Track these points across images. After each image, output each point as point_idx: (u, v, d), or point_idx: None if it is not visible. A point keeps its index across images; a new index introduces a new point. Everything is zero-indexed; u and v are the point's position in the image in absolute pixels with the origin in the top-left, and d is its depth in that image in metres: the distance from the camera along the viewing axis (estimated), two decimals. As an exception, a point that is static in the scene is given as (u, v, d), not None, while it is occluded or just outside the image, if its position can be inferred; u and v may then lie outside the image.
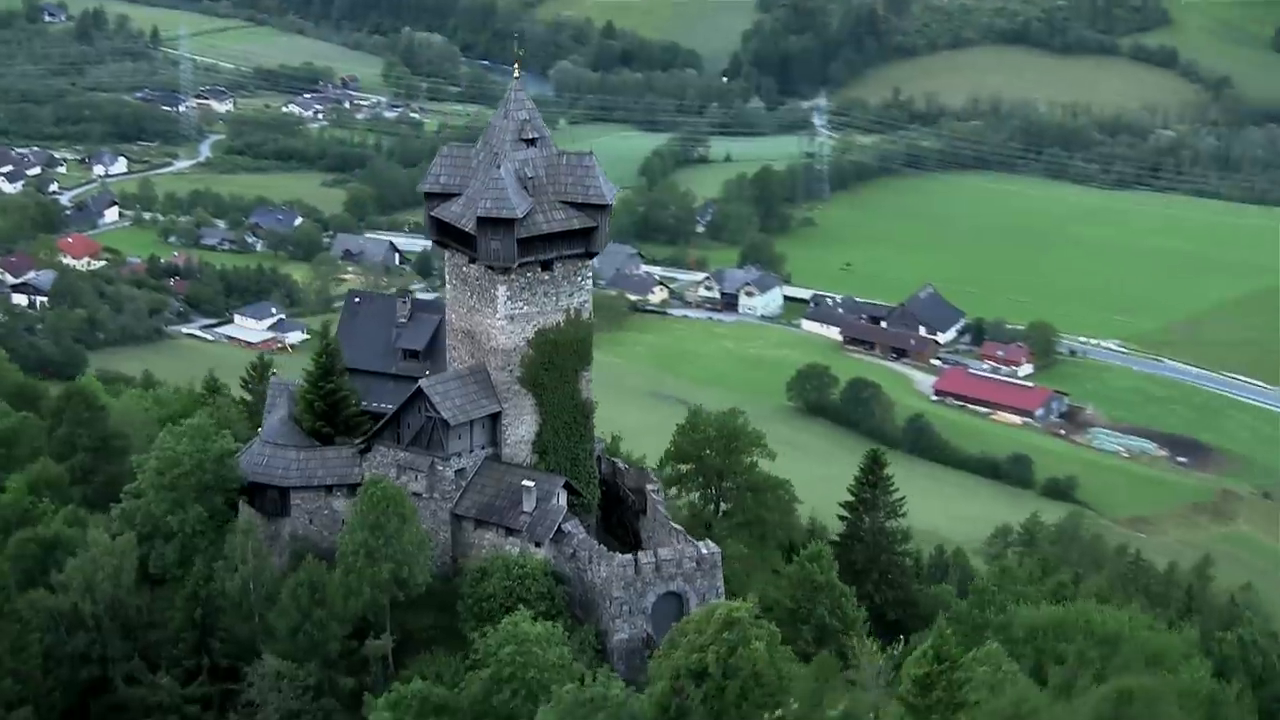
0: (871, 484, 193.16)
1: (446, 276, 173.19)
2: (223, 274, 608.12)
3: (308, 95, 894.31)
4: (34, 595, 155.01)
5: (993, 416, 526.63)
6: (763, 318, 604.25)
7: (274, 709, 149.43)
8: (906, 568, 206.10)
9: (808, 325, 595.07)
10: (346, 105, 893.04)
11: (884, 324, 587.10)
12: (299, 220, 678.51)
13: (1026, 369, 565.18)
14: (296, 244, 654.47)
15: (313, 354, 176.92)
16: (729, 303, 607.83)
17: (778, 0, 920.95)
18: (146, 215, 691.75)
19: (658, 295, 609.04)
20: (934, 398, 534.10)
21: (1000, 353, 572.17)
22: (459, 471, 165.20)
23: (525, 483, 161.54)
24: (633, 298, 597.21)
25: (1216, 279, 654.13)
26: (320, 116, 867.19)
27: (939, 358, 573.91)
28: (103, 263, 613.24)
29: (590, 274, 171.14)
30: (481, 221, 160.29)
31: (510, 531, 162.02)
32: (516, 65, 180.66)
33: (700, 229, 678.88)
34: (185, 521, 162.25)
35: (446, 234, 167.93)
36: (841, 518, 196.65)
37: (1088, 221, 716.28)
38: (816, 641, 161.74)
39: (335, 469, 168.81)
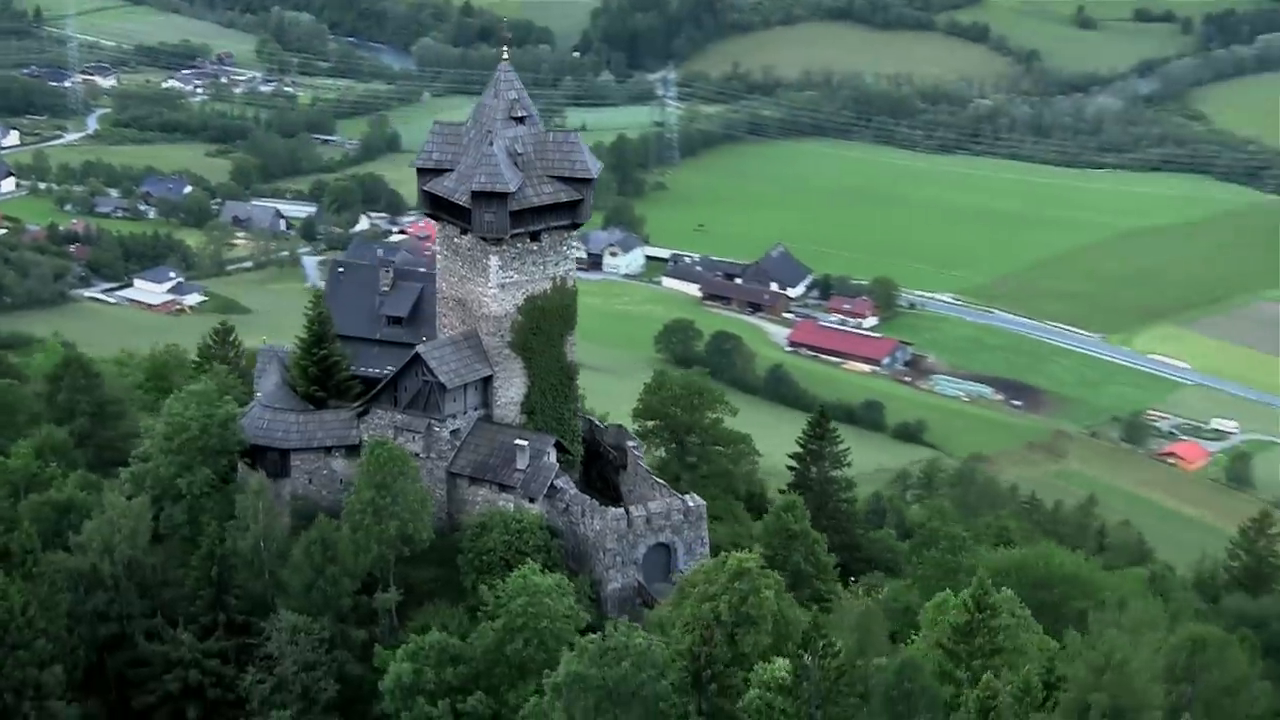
0: (818, 437, 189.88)
1: (437, 247, 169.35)
2: (120, 240, 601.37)
3: (186, 71, 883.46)
4: (54, 557, 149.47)
5: (844, 366, 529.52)
6: (626, 276, 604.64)
7: (292, 661, 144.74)
8: (851, 514, 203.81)
9: (668, 283, 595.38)
10: (224, 80, 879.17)
11: (739, 280, 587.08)
12: (188, 189, 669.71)
13: (871, 321, 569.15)
14: (187, 211, 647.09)
15: (305, 320, 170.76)
16: (594, 262, 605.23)
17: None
18: (42, 185, 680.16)
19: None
20: (788, 349, 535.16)
21: (847, 306, 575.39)
22: (454, 432, 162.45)
23: (519, 441, 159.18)
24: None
25: (1036, 236, 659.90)
26: (200, 91, 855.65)
27: (791, 311, 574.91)
28: (3, 231, 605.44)
29: (574, 244, 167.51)
30: (476, 195, 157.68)
31: (504, 488, 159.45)
32: (504, 49, 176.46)
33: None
34: (194, 483, 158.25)
35: (439, 207, 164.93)
36: (790, 468, 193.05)
37: (915, 183, 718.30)
38: (792, 587, 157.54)
39: (334, 431, 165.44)
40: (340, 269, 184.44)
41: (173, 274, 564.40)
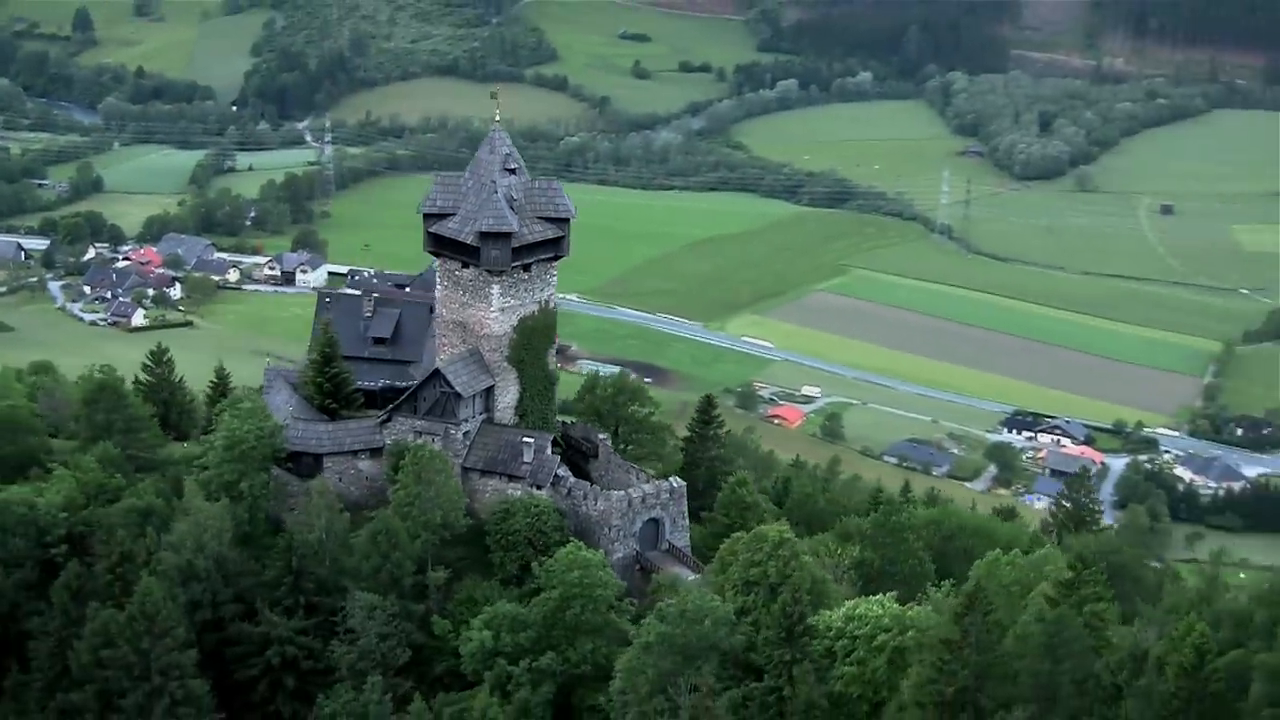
0: (705, 422, 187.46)
1: (438, 280, 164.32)
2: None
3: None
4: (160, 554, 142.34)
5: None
6: (314, 289, 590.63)
7: (371, 634, 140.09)
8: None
9: (350, 294, 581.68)
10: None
11: (407, 289, 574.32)
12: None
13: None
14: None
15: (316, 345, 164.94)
16: (288, 278, 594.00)
17: (266, 47, 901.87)
18: None
19: (233, 275, 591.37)
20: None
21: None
22: (465, 434, 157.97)
23: (525, 439, 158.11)
24: (215, 279, 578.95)
25: (630, 246, 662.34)
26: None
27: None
28: None
29: (555, 273, 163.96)
30: (484, 235, 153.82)
31: (513, 478, 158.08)
32: (497, 110, 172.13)
33: (249, 223, 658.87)
34: (253, 486, 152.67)
35: (442, 245, 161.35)
36: (681, 449, 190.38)
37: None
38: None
39: (360, 436, 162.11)
40: (326, 299, 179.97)
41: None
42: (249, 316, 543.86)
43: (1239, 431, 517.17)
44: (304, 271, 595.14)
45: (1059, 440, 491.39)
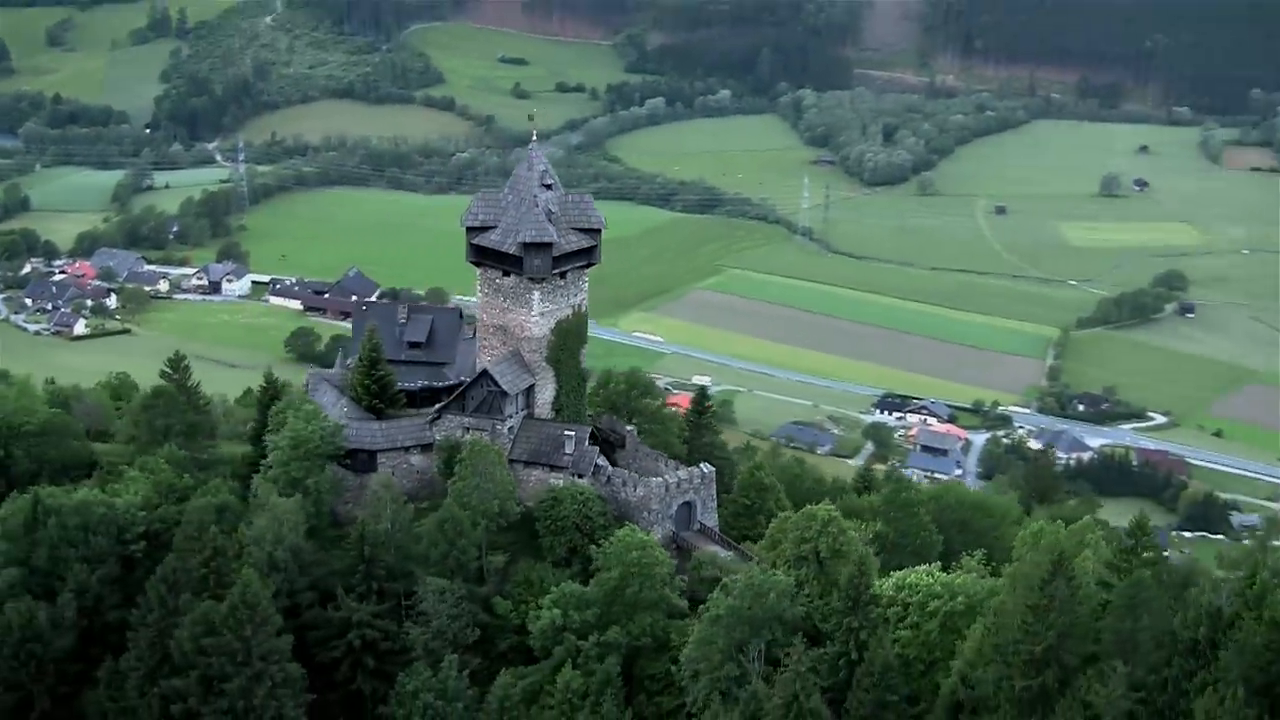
0: (700, 412, 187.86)
1: (478, 288, 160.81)
2: None
3: None
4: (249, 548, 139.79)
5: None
6: (240, 297, 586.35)
7: (443, 615, 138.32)
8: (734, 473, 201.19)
9: (274, 300, 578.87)
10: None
11: (327, 295, 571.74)
12: None
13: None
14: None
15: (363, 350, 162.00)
16: (215, 288, 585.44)
17: (174, 74, 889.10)
18: None
19: (163, 286, 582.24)
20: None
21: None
22: (510, 429, 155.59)
23: (567, 432, 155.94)
24: (147, 289, 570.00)
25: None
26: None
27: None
28: None
29: (586, 279, 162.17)
30: (527, 246, 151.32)
31: (555, 468, 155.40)
32: (534, 131, 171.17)
33: (172, 237, 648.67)
34: (318, 482, 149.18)
35: (483, 256, 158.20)
36: (681, 439, 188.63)
37: (424, 216, 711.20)
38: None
39: (412, 433, 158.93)
40: (364, 307, 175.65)
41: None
42: (182, 323, 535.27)
43: (1081, 407, 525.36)
44: (229, 281, 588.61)
45: (925, 420, 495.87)
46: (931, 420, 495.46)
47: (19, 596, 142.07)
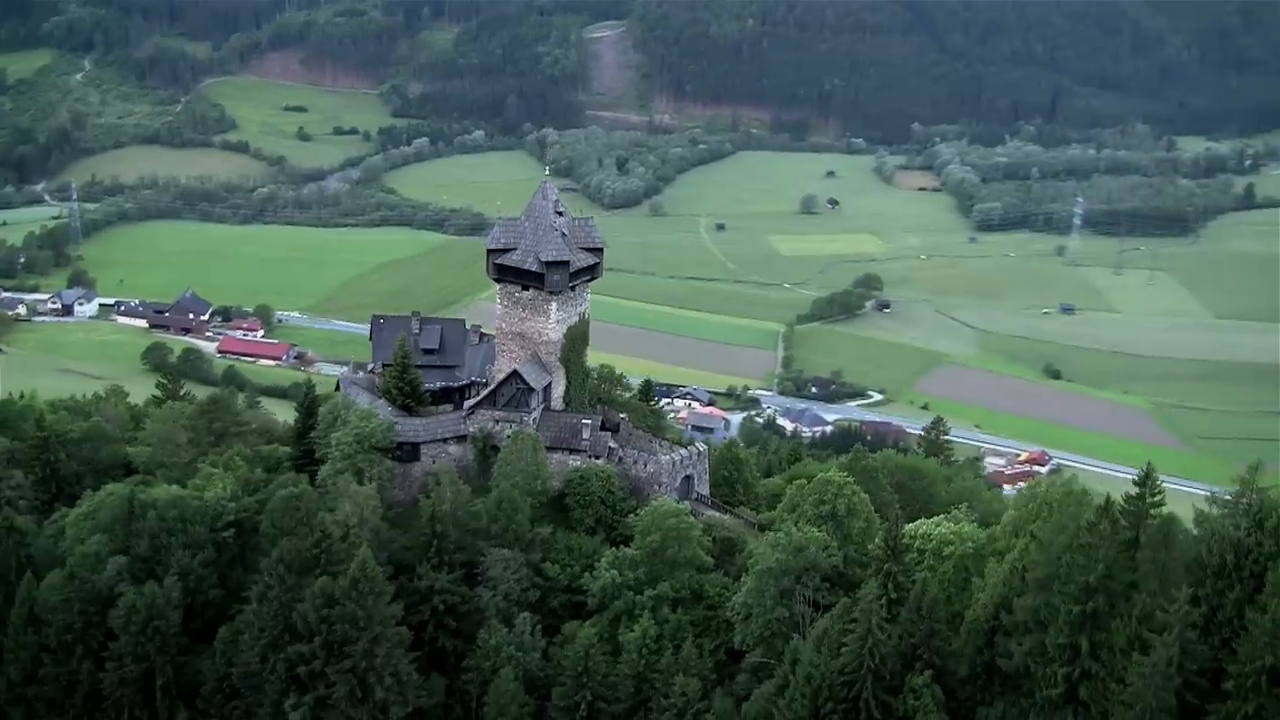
0: (647, 400, 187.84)
1: (498, 300, 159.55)
2: None
3: None
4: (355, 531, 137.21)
5: (259, 363, 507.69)
6: (91, 318, 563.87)
7: (509, 580, 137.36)
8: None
9: (121, 320, 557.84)
10: None
11: (167, 314, 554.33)
12: None
13: (261, 332, 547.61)
14: None
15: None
16: (68, 310, 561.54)
17: (1, 125, 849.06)
18: None
19: (22, 310, 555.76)
20: (219, 355, 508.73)
21: (245, 325, 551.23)
22: (534, 419, 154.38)
23: (584, 420, 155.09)
24: (9, 313, 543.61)
25: (328, 271, 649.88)
26: None
27: (210, 332, 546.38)
28: None
29: (589, 291, 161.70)
30: (548, 264, 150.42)
31: (573, 451, 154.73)
32: (547, 168, 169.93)
33: (20, 267, 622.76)
34: (382, 470, 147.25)
35: (504, 273, 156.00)
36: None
37: (237, 245, 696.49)
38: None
39: (450, 427, 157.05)
40: (381, 320, 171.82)
41: None
42: (46, 342, 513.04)
43: (814, 389, 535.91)
44: (80, 304, 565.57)
45: (690, 404, 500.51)
46: (695, 404, 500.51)
47: (124, 581, 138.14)
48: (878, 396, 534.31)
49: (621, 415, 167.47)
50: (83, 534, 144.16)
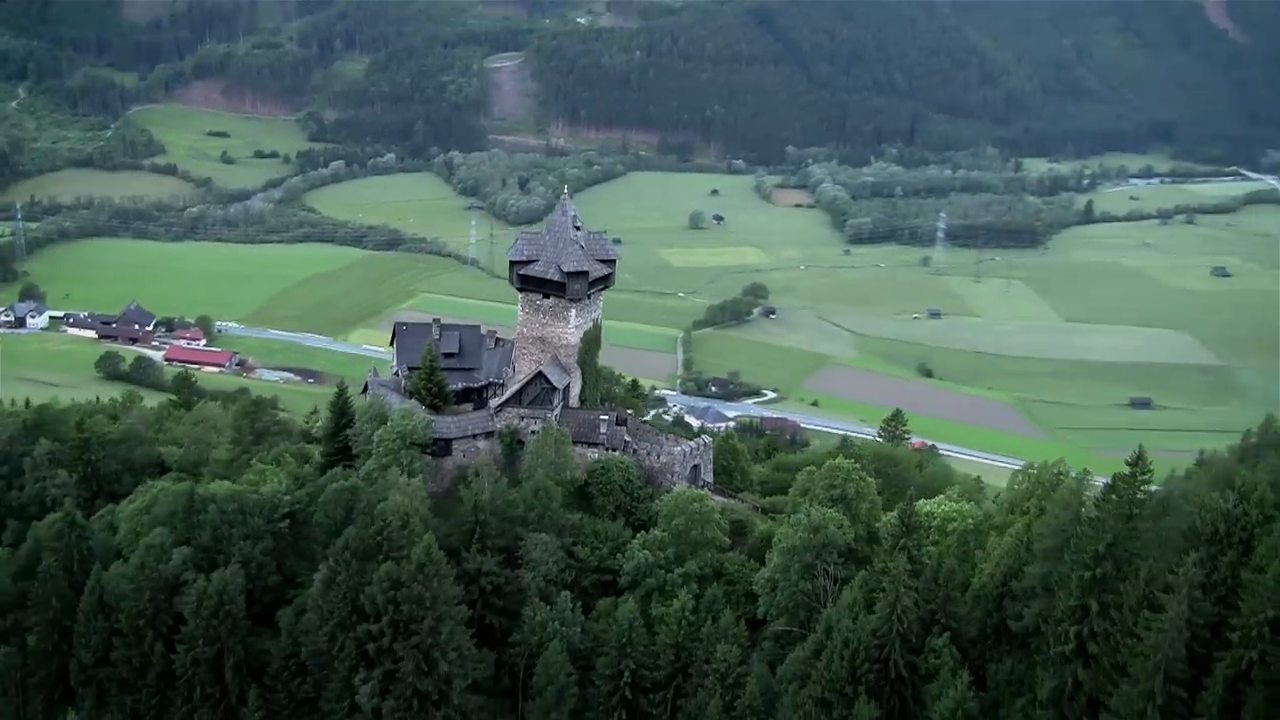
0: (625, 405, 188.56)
1: (520, 307, 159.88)
2: None
3: None
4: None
5: (202, 369, 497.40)
6: (43, 329, 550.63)
7: (548, 562, 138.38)
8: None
9: (72, 331, 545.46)
10: None
11: (115, 325, 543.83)
12: None
13: (204, 341, 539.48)
14: None
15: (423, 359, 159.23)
16: (20, 322, 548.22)
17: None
18: None
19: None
20: (167, 363, 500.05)
21: (188, 334, 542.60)
22: (555, 416, 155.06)
23: (602, 416, 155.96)
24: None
25: (258, 285, 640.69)
26: None
27: (157, 341, 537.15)
28: None
29: (602, 299, 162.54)
30: (569, 274, 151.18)
31: (591, 444, 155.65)
32: (565, 186, 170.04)
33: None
34: (421, 465, 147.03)
35: (527, 283, 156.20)
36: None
37: (173, 260, 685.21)
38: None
39: (479, 424, 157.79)
40: (404, 327, 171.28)
41: None
42: (2, 354, 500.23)
43: (714, 389, 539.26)
44: (33, 317, 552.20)
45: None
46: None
47: (189, 569, 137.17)
48: (771, 395, 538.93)
49: (629, 411, 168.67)
50: (140, 527, 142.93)
